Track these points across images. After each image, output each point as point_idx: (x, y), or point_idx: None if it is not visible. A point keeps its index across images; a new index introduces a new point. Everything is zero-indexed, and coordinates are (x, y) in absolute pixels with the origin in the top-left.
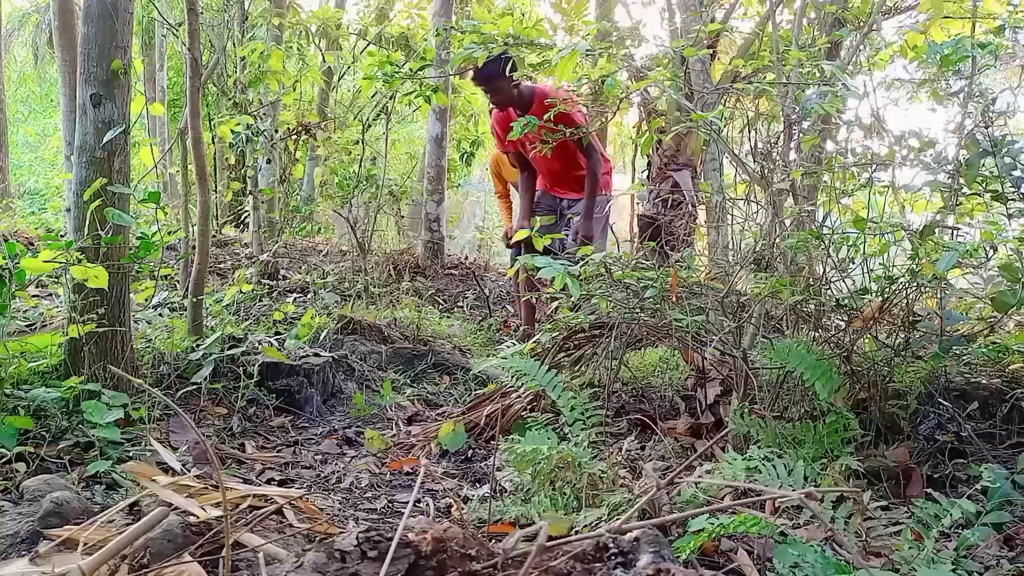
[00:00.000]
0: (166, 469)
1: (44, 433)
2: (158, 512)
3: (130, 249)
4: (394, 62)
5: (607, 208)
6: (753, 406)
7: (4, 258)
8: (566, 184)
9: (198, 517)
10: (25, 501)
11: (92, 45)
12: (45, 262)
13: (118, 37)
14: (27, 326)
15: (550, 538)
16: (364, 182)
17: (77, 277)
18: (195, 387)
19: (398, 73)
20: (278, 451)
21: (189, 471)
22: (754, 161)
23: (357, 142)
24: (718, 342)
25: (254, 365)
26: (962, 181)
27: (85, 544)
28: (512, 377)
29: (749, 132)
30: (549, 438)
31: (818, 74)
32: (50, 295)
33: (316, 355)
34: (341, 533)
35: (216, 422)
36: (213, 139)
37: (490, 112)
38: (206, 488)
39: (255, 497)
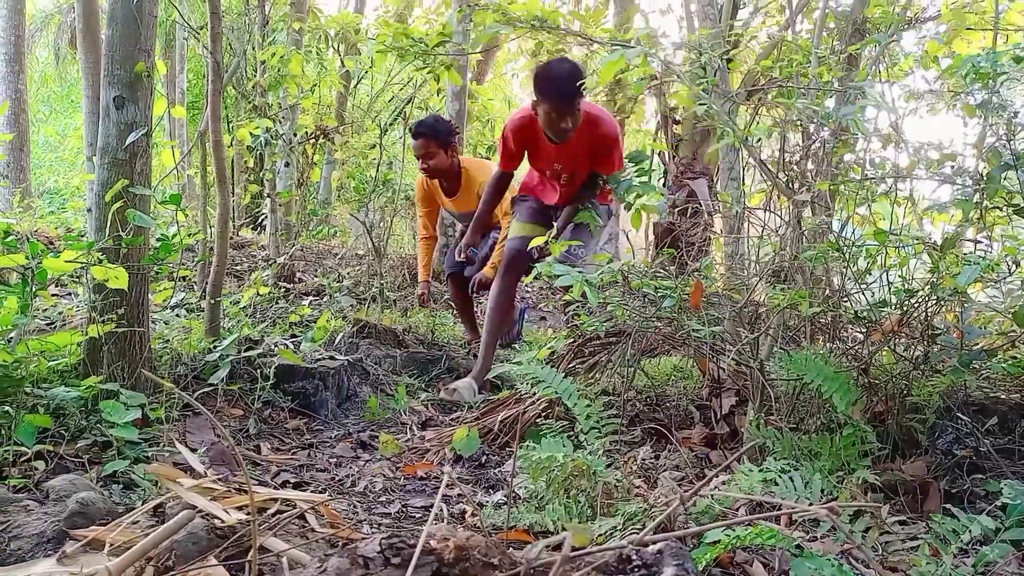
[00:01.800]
0: (186, 470)
1: (63, 432)
2: (184, 515)
3: (150, 250)
4: (410, 35)
5: (610, 220)
6: (769, 417)
7: (27, 257)
8: (569, 199)
9: (223, 520)
10: (50, 501)
11: (116, 48)
12: (67, 262)
13: (142, 40)
14: (47, 324)
15: (573, 548)
16: (381, 186)
17: (98, 277)
18: (211, 388)
19: (413, 47)
20: (293, 453)
21: (208, 473)
22: (778, 170)
23: (374, 146)
24: (735, 352)
25: (270, 367)
26: (984, 195)
27: (111, 545)
28: (527, 383)
29: (780, 140)
30: (564, 445)
31: (836, 84)
32: (69, 294)
33: (331, 358)
34: (364, 539)
35: (232, 423)
36: (232, 142)
37: (520, 125)
38: (229, 491)
39: (276, 500)
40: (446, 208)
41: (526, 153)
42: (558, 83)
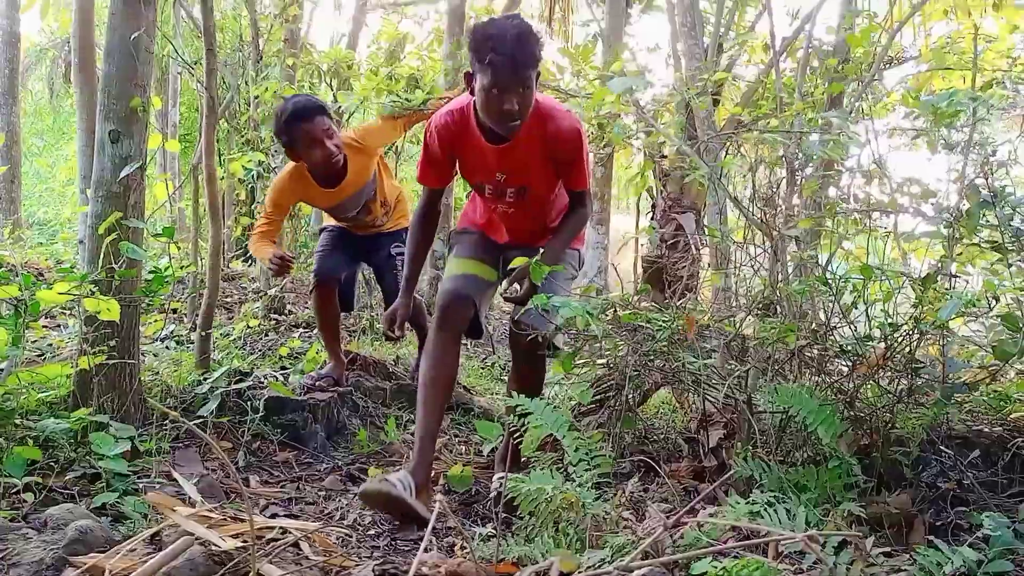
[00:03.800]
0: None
1: (52, 464)
2: (182, 541)
3: (143, 283)
4: (393, 91)
5: (581, 268)
6: (756, 450)
7: (19, 289)
8: (525, 236)
9: (220, 547)
10: (49, 529)
11: (113, 83)
12: (60, 294)
13: (138, 76)
14: (38, 356)
15: (560, 574)
16: None
17: (90, 309)
18: (201, 420)
19: (397, 101)
20: (282, 486)
21: (205, 502)
22: (756, 206)
23: None
24: (722, 385)
25: (260, 399)
26: (962, 231)
27: (110, 572)
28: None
29: (752, 177)
30: (554, 478)
31: (820, 121)
32: (58, 326)
33: (321, 390)
34: (357, 566)
35: (220, 455)
36: (224, 175)
37: (447, 121)
38: (225, 519)
39: (271, 528)
40: (318, 205)
41: (457, 163)
42: (504, 42)
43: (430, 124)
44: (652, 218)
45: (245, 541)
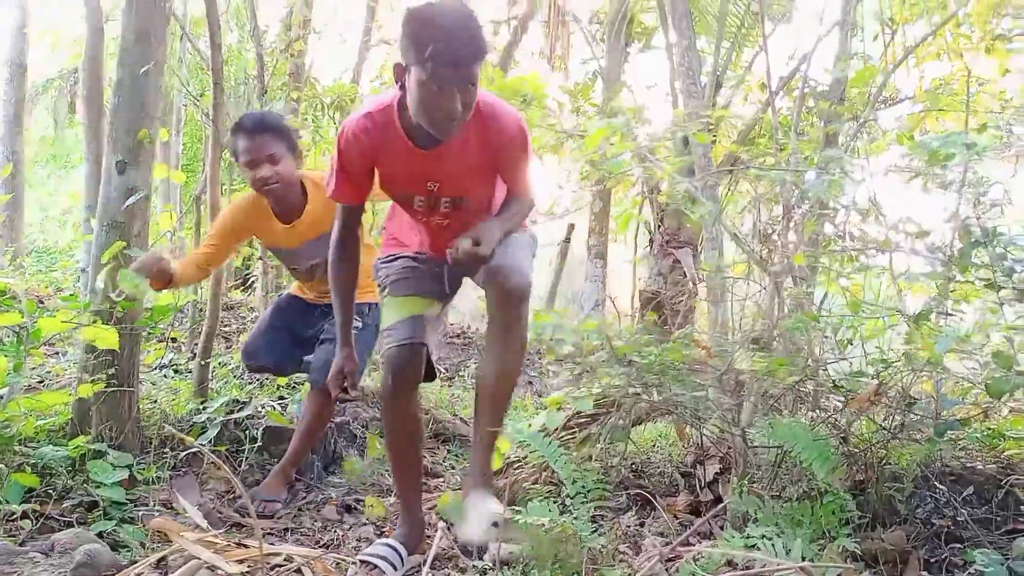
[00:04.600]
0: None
1: (50, 491)
2: (191, 565)
3: (144, 312)
4: None
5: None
6: (752, 485)
7: (22, 316)
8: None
9: (227, 572)
10: (56, 553)
11: (121, 115)
12: (63, 322)
13: (146, 108)
14: (38, 382)
15: None
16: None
17: (88, 338)
18: (199, 450)
19: None
20: (278, 517)
21: (210, 528)
22: (753, 242)
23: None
24: (717, 419)
25: (258, 429)
26: (955, 270)
27: None
28: (517, 447)
29: (756, 212)
30: (551, 510)
31: (816, 159)
32: (57, 353)
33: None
34: None
35: (219, 485)
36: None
37: (365, 125)
38: (230, 545)
39: (277, 555)
40: (267, 244)
41: (377, 173)
42: (451, 31)
43: (344, 130)
44: (650, 252)
45: (251, 566)
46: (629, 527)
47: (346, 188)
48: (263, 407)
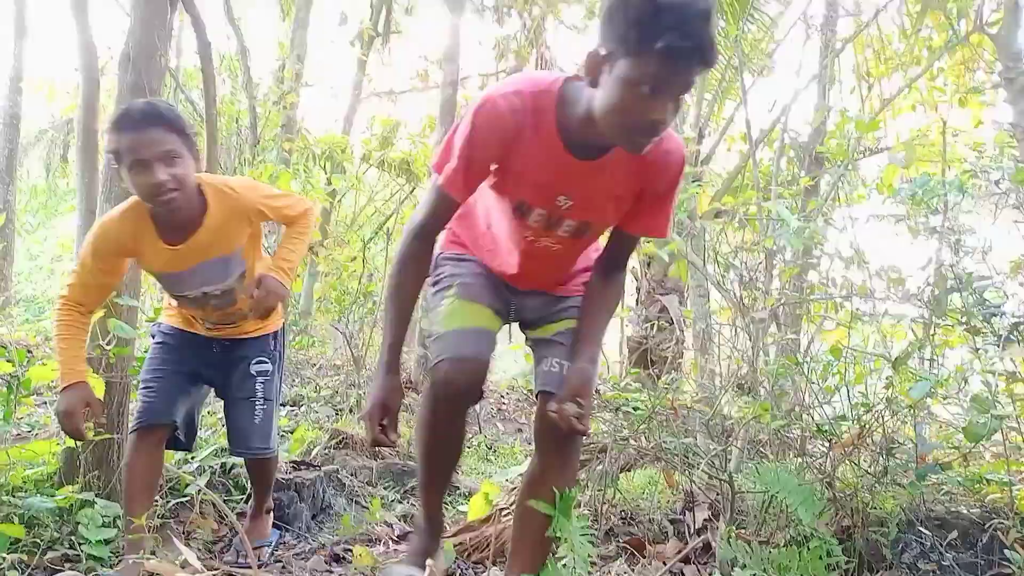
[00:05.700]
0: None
1: (37, 541)
2: None
3: (135, 360)
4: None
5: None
6: (740, 530)
7: (13, 365)
8: (542, 282)
9: None
10: None
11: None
12: (52, 371)
13: None
14: (28, 431)
15: None
16: (362, 298)
17: None
18: (185, 499)
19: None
20: (266, 567)
21: (204, 569)
22: (734, 289)
23: (355, 258)
24: (705, 465)
25: (245, 478)
26: (933, 315)
27: None
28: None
29: (743, 260)
30: None
31: (798, 207)
32: (44, 403)
33: (307, 468)
34: None
35: (206, 535)
36: None
37: (522, 106)
38: None
39: None
40: (152, 267)
41: (496, 168)
42: (693, 22)
43: (485, 103)
44: (637, 300)
45: None
46: (619, 575)
47: (462, 176)
48: None
